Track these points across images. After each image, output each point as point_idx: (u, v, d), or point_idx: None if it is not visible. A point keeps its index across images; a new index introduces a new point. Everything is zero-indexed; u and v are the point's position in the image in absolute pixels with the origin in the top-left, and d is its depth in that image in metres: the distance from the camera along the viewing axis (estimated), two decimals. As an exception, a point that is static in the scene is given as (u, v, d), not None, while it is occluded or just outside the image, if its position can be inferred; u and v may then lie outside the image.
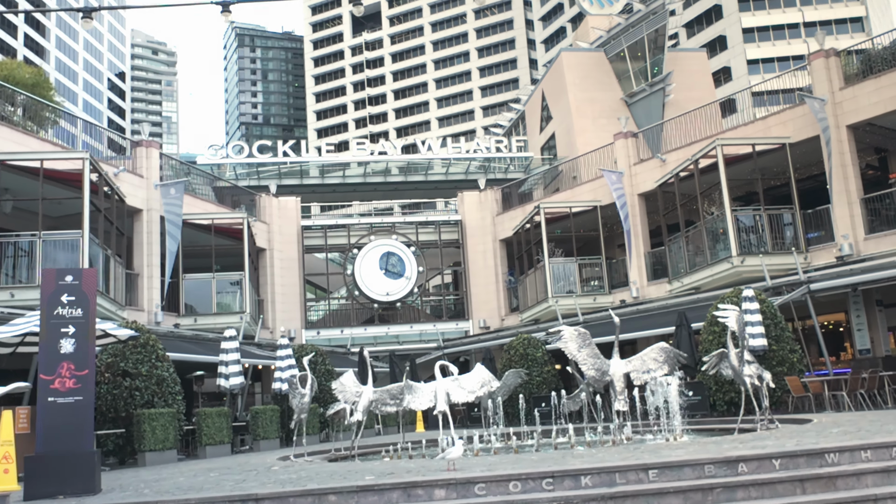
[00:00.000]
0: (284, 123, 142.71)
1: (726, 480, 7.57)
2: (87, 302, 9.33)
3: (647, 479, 7.69)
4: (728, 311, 12.25)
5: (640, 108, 39.72)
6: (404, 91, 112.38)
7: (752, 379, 12.63)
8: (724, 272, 25.19)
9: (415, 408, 11.62)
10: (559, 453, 10.29)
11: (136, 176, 27.91)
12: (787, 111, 26.52)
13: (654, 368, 11.99)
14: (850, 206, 23.98)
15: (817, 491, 7.57)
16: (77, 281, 9.31)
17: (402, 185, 40.66)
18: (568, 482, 7.59)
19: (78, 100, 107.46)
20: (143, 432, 16.58)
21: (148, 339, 18.62)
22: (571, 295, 30.95)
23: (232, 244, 29.91)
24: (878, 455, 8.18)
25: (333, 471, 9.60)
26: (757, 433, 11.96)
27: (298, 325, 34.85)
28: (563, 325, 12.45)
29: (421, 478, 7.65)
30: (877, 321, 24.41)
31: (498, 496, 7.44)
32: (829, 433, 10.07)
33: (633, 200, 30.71)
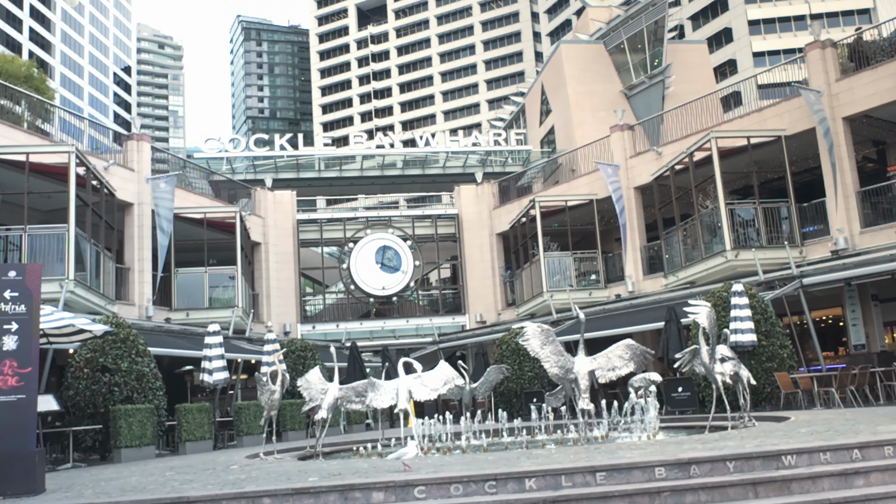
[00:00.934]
0: (291, 117, 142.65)
1: (674, 483, 7.31)
2: (30, 298, 9.13)
3: (595, 481, 7.44)
4: (698, 308, 11.95)
5: (639, 100, 39.32)
6: (410, 85, 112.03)
7: (723, 377, 12.35)
8: (719, 266, 24.87)
9: (376, 405, 11.41)
10: (515, 454, 10.04)
11: (127, 170, 27.75)
12: (782, 103, 26.13)
13: (619, 366, 11.72)
14: (845, 199, 23.61)
15: (770, 495, 7.30)
16: (20, 277, 9.12)
17: (400, 179, 40.41)
18: (512, 485, 7.35)
19: (83, 94, 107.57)
20: (119, 428, 16.43)
21: (128, 335, 18.44)
22: (567, 289, 30.66)
23: (226, 238, 29.73)
24: (838, 457, 7.90)
25: (287, 471, 9.39)
26: (727, 432, 11.70)
27: (294, 319, 34.70)
28: (528, 324, 12.15)
29: (359, 480, 7.43)
30: (872, 316, 24.07)
31: (438, 499, 7.21)
32: (798, 433, 9.79)
33: (629, 194, 30.38)
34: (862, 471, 7.61)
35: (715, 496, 7.24)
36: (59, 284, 21.22)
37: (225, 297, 29.67)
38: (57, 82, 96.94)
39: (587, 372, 11.46)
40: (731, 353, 13.99)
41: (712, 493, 7.25)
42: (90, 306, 23.01)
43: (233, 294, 29.05)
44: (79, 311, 21.94)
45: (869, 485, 7.55)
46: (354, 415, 25.62)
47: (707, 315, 11.83)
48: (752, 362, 19.94)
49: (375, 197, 41.72)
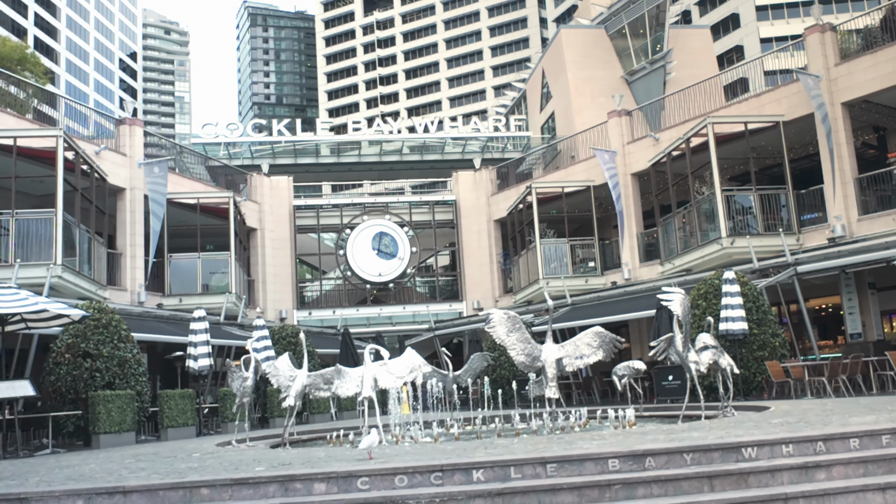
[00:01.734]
0: (297, 104, 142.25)
1: (626, 476, 7.07)
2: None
3: (545, 473, 7.19)
4: (672, 295, 11.66)
5: (640, 86, 38.85)
6: (415, 71, 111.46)
7: (697, 365, 12.08)
8: (714, 253, 24.54)
9: (342, 393, 11.20)
10: (475, 444, 9.82)
11: (119, 154, 27.59)
12: (781, 88, 25.73)
13: (587, 354, 11.46)
14: (843, 186, 23.23)
15: (726, 488, 7.04)
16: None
17: (398, 165, 40.11)
18: (458, 476, 7.12)
19: (89, 80, 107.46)
20: (97, 414, 16.29)
21: (111, 320, 18.28)
22: (563, 276, 30.39)
23: (221, 224, 29.53)
24: (801, 450, 7.63)
25: (243, 459, 9.20)
26: (699, 422, 11.44)
27: (290, 305, 34.56)
28: (494, 310, 11.90)
29: (300, 471, 7.21)
30: (869, 305, 23.70)
31: (382, 491, 6.98)
32: (769, 424, 9.52)
33: (626, 180, 30.03)
34: (824, 464, 7.34)
35: (668, 489, 6.99)
36: (46, 269, 21.09)
37: (219, 282, 29.50)
38: (62, 68, 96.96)
39: (555, 360, 11.22)
40: (714, 341, 13.73)
41: (666, 487, 7.00)
42: (80, 291, 22.88)
43: (227, 280, 28.87)
44: (68, 296, 21.84)
45: (831, 478, 7.29)
46: (346, 401, 25.46)
47: (681, 302, 11.54)
48: (743, 351, 19.67)
49: (381, 184, 41.30)
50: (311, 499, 6.87)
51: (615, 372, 15.93)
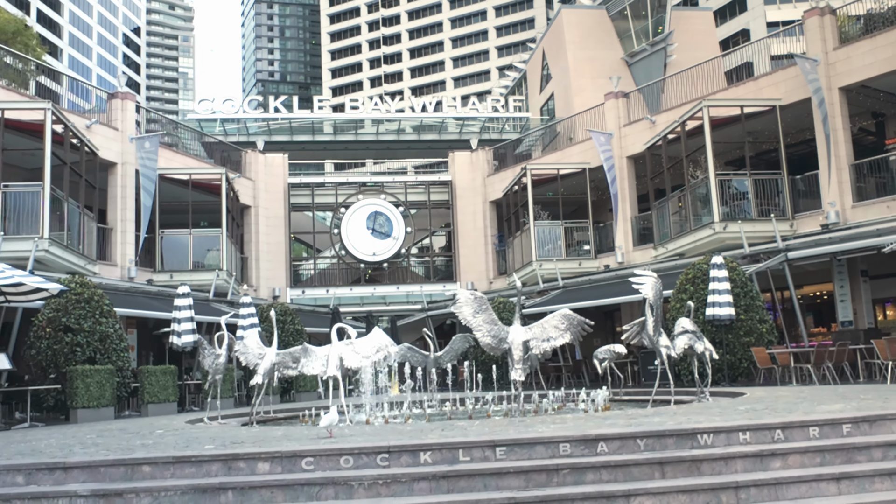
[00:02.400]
0: (301, 81, 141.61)
1: (575, 461, 6.94)
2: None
3: (494, 456, 7.07)
4: (644, 279, 11.48)
5: (640, 68, 38.45)
6: (420, 50, 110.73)
7: (668, 350, 11.94)
8: (707, 238, 24.34)
9: (307, 372, 11.09)
10: (437, 425, 9.70)
11: (111, 129, 27.40)
12: (779, 72, 25.41)
13: (554, 336, 11.30)
14: (838, 172, 22.97)
15: (678, 475, 6.91)
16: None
17: (395, 145, 39.85)
18: (406, 458, 7.00)
19: (92, 54, 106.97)
20: (75, 389, 16.23)
21: (93, 295, 18.18)
22: (558, 259, 30.25)
23: (214, 200, 29.36)
24: (759, 437, 7.48)
25: (198, 437, 9.11)
26: (667, 407, 11.31)
27: (283, 283, 34.47)
28: (461, 290, 11.77)
29: (243, 450, 7.10)
30: (861, 292, 23.49)
31: (326, 471, 6.87)
32: (736, 410, 9.38)
33: (622, 163, 29.78)
34: (779, 452, 7.20)
35: (618, 475, 6.86)
36: (36, 243, 20.99)
37: (212, 259, 29.39)
38: (65, 42, 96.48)
39: (522, 342, 11.08)
40: (693, 326, 13.58)
41: (615, 472, 6.87)
42: (68, 266, 22.79)
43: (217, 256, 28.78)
44: (56, 270, 21.76)
45: (786, 467, 7.15)
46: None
47: (652, 286, 11.37)
48: (730, 336, 19.53)
49: (382, 163, 41.10)
50: (253, 478, 6.76)
51: (596, 355, 15.80)
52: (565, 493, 6.48)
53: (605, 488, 6.57)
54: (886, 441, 7.41)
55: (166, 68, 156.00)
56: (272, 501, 6.53)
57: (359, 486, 6.57)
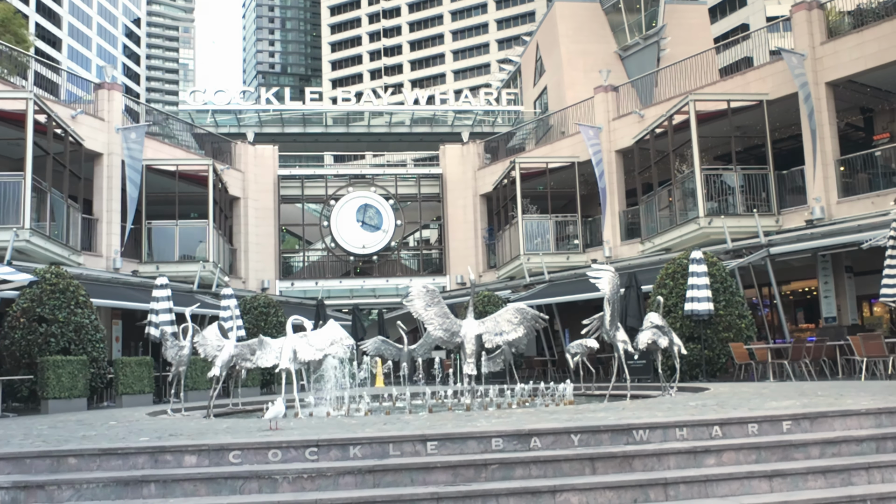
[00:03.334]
0: (302, 73, 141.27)
1: (504, 456, 6.87)
2: None
3: (425, 451, 7.00)
4: (601, 273, 11.39)
5: (633, 62, 38.26)
6: (420, 42, 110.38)
7: (625, 345, 11.85)
8: (693, 233, 24.26)
9: (262, 364, 11.03)
10: (386, 419, 9.63)
11: (97, 119, 27.33)
12: (766, 66, 25.29)
13: (507, 331, 11.22)
14: (824, 167, 22.83)
15: (609, 471, 6.83)
16: None
17: (386, 137, 39.73)
18: (335, 452, 6.94)
19: (92, 45, 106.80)
20: (47, 379, 16.18)
21: (68, 285, 18.12)
22: (545, 253, 30.17)
23: (203, 191, 29.28)
24: (696, 434, 7.41)
25: (142, 429, 9.05)
26: (623, 402, 11.23)
27: (272, 275, 34.42)
28: (414, 283, 11.69)
29: (170, 443, 7.04)
30: (845, 288, 23.39)
31: (254, 465, 6.81)
32: (687, 406, 9.30)
33: (611, 157, 29.66)
34: (714, 449, 7.12)
35: (548, 471, 6.79)
36: (16, 233, 20.95)
37: (199, 250, 29.33)
38: (65, 32, 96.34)
39: (474, 336, 11.01)
40: (662, 321, 13.50)
41: (545, 468, 6.80)
42: (51, 256, 22.76)
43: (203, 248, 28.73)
44: (39, 260, 21.74)
45: (721, 464, 7.07)
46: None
47: (609, 280, 11.28)
48: (708, 331, 19.44)
49: (382, 156, 40.92)
50: (179, 471, 6.71)
51: (568, 350, 15.72)
52: (491, 488, 6.41)
53: (532, 484, 6.50)
54: (824, 438, 7.33)
55: (167, 59, 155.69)
56: (195, 495, 6.47)
57: (283, 480, 6.51)
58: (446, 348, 11.75)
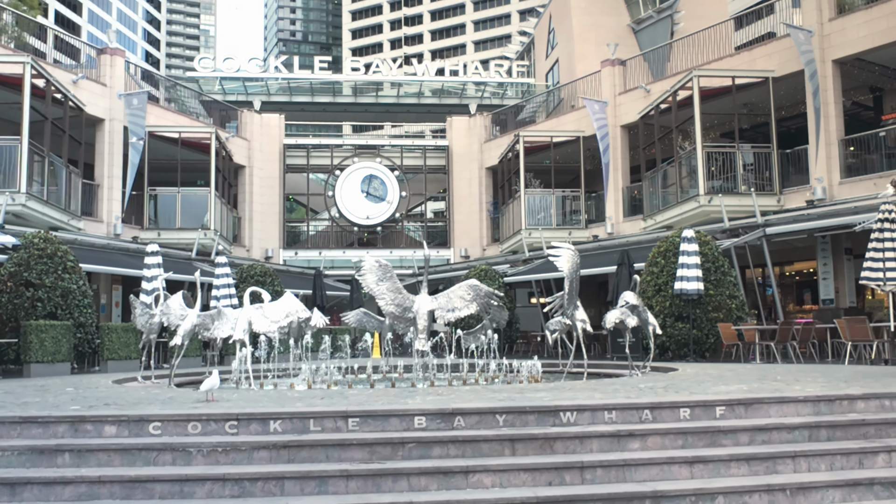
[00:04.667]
0: (323, 41, 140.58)
1: (423, 435, 6.80)
2: None
3: (346, 427, 6.96)
4: (560, 251, 11.24)
5: (646, 35, 37.62)
6: (441, 12, 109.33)
7: (583, 324, 11.72)
8: (692, 211, 23.98)
9: (217, 335, 11.03)
10: (336, 392, 9.60)
11: (99, 84, 27.37)
12: (773, 42, 24.78)
13: (459, 307, 11.13)
14: (827, 147, 22.39)
15: (529, 453, 6.75)
16: None
17: (394, 108, 39.48)
18: (255, 426, 6.91)
19: (112, 9, 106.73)
20: (29, 343, 16.33)
21: (56, 250, 18.23)
22: (546, 227, 29.99)
23: (207, 159, 29.29)
24: (625, 417, 7.29)
25: (84, 398, 9.09)
26: (580, 381, 11.12)
27: (276, 244, 34.49)
28: (366, 257, 11.59)
29: (90, 413, 7.05)
30: (844, 271, 23.03)
31: (174, 437, 6.81)
32: (636, 388, 9.19)
33: (616, 132, 29.29)
34: (639, 433, 7.00)
35: (466, 451, 6.72)
36: (11, 197, 21.10)
37: (201, 217, 29.39)
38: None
39: (426, 311, 10.93)
40: (637, 300, 13.34)
41: (463, 448, 6.73)
42: (49, 221, 22.94)
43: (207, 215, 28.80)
44: (37, 225, 21.92)
45: (645, 448, 6.96)
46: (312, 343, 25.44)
47: (568, 259, 11.13)
48: (697, 311, 19.24)
49: (410, 125, 40.54)
50: (94, 441, 6.72)
51: (547, 327, 15.59)
52: (403, 467, 6.37)
53: (444, 464, 6.44)
54: (755, 425, 7.20)
55: (188, 25, 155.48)
56: (109, 465, 6.48)
57: (197, 453, 6.51)
58: (397, 323, 11.66)
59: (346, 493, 6.21)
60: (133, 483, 6.14)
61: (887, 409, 7.75)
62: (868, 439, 7.30)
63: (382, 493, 6.23)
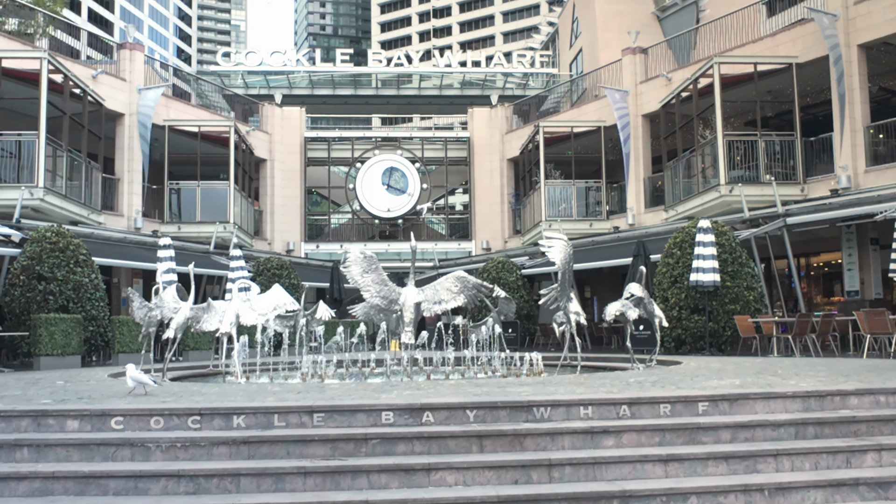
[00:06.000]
0: (352, 35, 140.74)
1: (388, 431, 6.59)
2: None
3: (311, 423, 6.78)
4: (553, 242, 10.94)
5: (671, 23, 36.95)
6: (470, 4, 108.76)
7: (577, 316, 11.42)
8: (714, 201, 23.53)
9: (205, 328, 10.93)
10: (308, 386, 9.44)
11: (119, 79, 27.52)
12: (797, 27, 24.11)
13: (446, 299, 10.90)
14: (853, 134, 21.79)
15: (497, 449, 6.51)
16: None
17: (416, 100, 39.29)
18: (218, 421, 6.76)
19: (143, 5, 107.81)
20: (39, 336, 16.43)
21: (69, 244, 18.33)
22: (567, 219, 29.65)
23: (227, 152, 29.34)
24: (602, 413, 7.01)
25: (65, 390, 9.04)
26: (569, 376, 10.84)
27: (298, 237, 34.52)
28: (352, 249, 11.40)
29: (53, 407, 6.95)
30: (869, 261, 22.41)
31: (136, 432, 6.68)
32: (625, 383, 8.90)
33: (637, 122, 28.84)
34: (614, 429, 6.73)
35: (432, 447, 6.51)
36: (29, 192, 21.29)
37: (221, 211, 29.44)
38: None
39: (413, 304, 10.70)
40: (643, 291, 13.03)
41: (429, 444, 6.51)
42: (69, 215, 23.13)
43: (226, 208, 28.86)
44: (56, 219, 22.08)
45: (619, 445, 6.69)
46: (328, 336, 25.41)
47: (561, 250, 10.84)
48: (714, 303, 18.80)
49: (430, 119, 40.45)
50: (58, 435, 6.63)
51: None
52: (363, 464, 6.18)
53: (406, 461, 6.24)
54: (737, 422, 6.89)
55: (219, 20, 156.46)
56: (68, 460, 6.38)
57: (156, 449, 6.38)
58: (384, 316, 11.46)
59: (303, 490, 6.05)
60: (87, 479, 6.03)
61: (882, 405, 7.39)
62: (858, 437, 6.96)
63: (340, 490, 6.05)
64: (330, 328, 25.59)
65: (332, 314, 15.57)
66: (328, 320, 16.75)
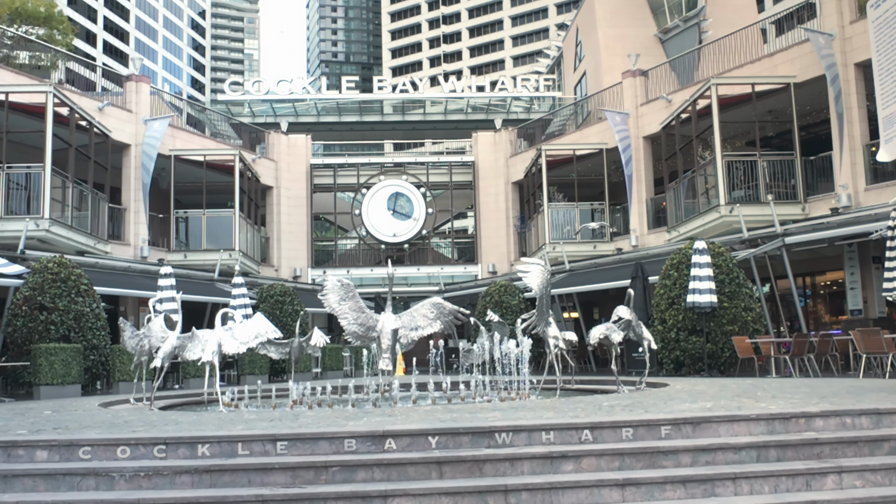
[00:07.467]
0: (364, 62, 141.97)
1: (347, 458, 6.67)
2: None
3: (275, 451, 6.86)
4: (530, 267, 11.00)
5: (673, 45, 37.10)
6: (479, 29, 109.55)
7: (556, 341, 11.46)
8: (714, 221, 23.54)
9: (188, 357, 11.03)
10: (280, 416, 9.52)
11: (125, 111, 27.96)
12: (794, 48, 24.20)
13: (423, 325, 10.98)
14: (852, 153, 21.80)
15: (457, 476, 6.57)
16: None
17: (421, 125, 39.60)
18: (183, 450, 6.86)
19: (158, 37, 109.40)
20: (38, 366, 16.63)
21: (70, 274, 18.57)
22: (571, 241, 29.70)
23: (233, 181, 29.66)
24: (564, 437, 7.05)
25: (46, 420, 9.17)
26: (544, 400, 10.86)
27: (305, 263, 34.75)
28: (329, 277, 11.50)
29: (22, 437, 7.08)
30: (872, 280, 22.29)
31: (102, 461, 6.80)
32: (599, 406, 8.93)
33: (638, 144, 28.94)
34: (573, 454, 6.77)
35: (391, 474, 6.58)
36: (35, 223, 21.64)
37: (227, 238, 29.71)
38: (132, 25, 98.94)
39: (391, 330, 10.79)
40: (630, 314, 13.07)
41: (388, 471, 6.58)
42: (75, 245, 23.46)
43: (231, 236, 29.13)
44: (62, 249, 22.41)
45: (579, 470, 6.73)
46: (331, 361, 25.55)
47: (538, 275, 10.90)
48: (711, 324, 18.76)
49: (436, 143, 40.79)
50: (26, 466, 6.75)
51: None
52: (319, 492, 6.25)
53: (363, 488, 6.30)
54: (698, 446, 6.91)
55: (232, 50, 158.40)
56: (34, 490, 6.49)
57: (120, 478, 6.48)
58: (359, 342, 11.53)
59: (260, 518, 6.12)
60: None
61: (847, 427, 7.39)
62: (820, 459, 6.96)
63: (297, 518, 6.13)
64: (333, 354, 25.74)
65: (326, 340, 15.67)
66: (324, 346, 16.86)
